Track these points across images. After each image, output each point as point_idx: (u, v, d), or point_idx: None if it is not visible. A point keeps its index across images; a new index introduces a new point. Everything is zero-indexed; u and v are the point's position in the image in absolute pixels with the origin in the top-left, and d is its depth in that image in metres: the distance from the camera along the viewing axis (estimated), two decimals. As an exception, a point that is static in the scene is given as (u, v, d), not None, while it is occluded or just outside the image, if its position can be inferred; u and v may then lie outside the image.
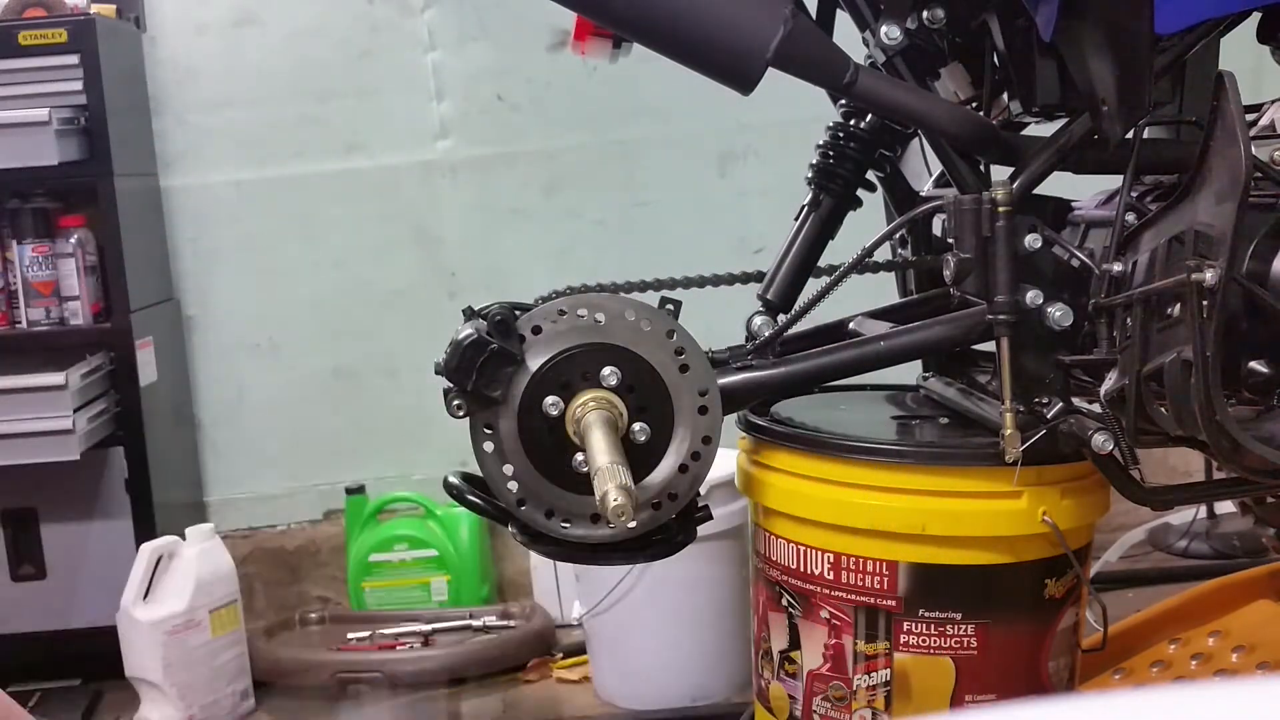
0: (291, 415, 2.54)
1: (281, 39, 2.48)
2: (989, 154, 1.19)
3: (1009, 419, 1.08)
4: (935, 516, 1.13)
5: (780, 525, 1.21)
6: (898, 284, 1.48)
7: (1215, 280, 0.93)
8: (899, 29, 1.20)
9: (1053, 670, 1.19)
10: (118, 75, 2.25)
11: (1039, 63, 1.16)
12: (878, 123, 1.38)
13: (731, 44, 1.09)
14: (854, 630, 1.16)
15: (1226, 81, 0.94)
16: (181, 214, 2.46)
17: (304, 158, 2.50)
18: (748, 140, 2.51)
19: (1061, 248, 1.13)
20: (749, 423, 1.26)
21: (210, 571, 2.07)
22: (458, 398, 1.11)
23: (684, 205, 2.52)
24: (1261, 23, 1.21)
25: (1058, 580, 1.17)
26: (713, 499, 1.28)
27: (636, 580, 1.93)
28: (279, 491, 2.57)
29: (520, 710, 2.05)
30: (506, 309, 1.11)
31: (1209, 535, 2.41)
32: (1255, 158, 0.95)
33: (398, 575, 2.43)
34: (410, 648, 2.22)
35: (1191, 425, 0.98)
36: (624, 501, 0.98)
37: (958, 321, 1.17)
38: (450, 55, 2.49)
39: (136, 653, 2.00)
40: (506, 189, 2.52)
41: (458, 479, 1.20)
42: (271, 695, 2.16)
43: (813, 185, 1.39)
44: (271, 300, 2.51)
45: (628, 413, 1.12)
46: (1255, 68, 1.30)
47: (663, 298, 1.15)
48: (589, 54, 1.37)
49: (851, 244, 1.26)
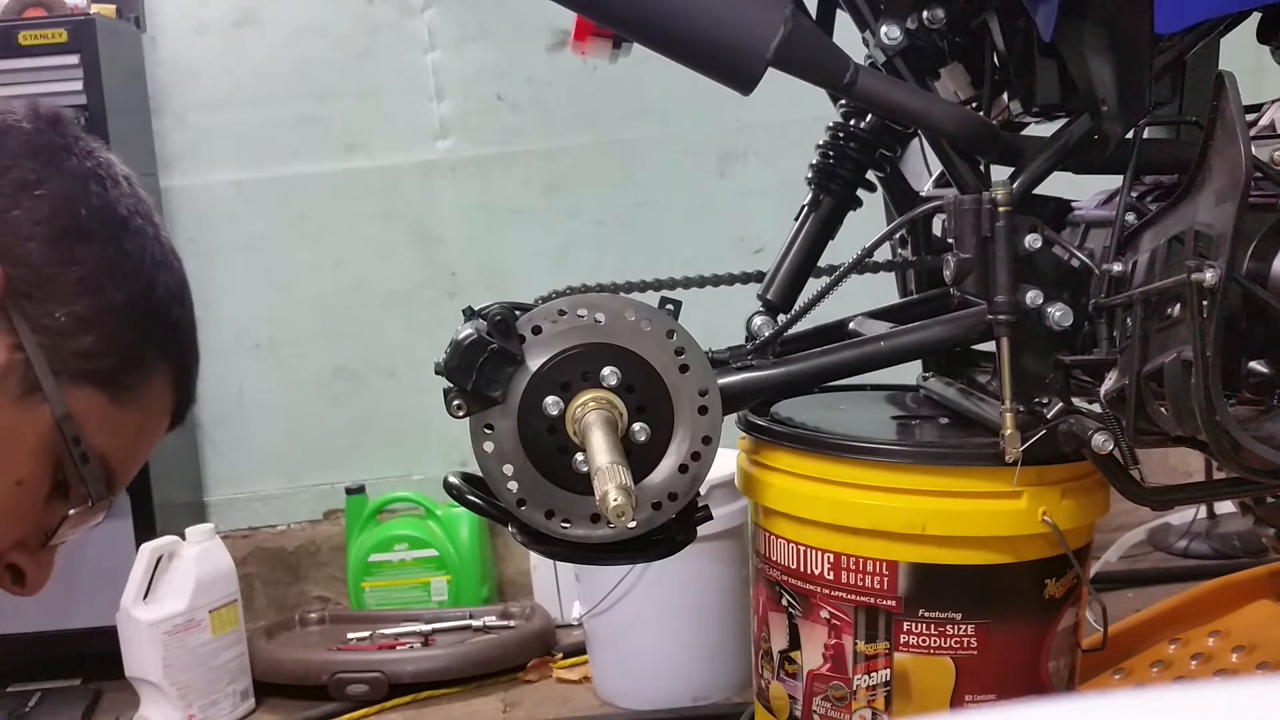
0: (291, 415, 2.54)
1: (281, 39, 2.48)
2: (989, 154, 1.19)
3: (1009, 419, 1.08)
4: (935, 516, 1.12)
5: (780, 525, 1.21)
6: (898, 284, 1.48)
7: (1215, 280, 0.93)
8: (899, 29, 1.20)
9: (1053, 670, 1.19)
10: (118, 75, 2.25)
11: (1039, 63, 1.16)
12: (878, 123, 1.38)
13: (731, 44, 1.09)
14: (854, 630, 1.16)
15: (1226, 81, 0.94)
16: (181, 214, 2.46)
17: (304, 158, 2.50)
18: (748, 140, 2.51)
19: (1061, 248, 1.13)
20: (749, 423, 1.26)
21: (210, 571, 2.06)
22: (458, 398, 1.11)
23: (684, 205, 2.52)
24: (1261, 23, 1.21)
25: (1058, 580, 1.17)
26: (713, 499, 1.28)
27: (636, 580, 1.93)
28: (279, 491, 2.57)
29: (520, 710, 2.05)
30: (506, 309, 1.11)
31: (1209, 535, 2.41)
32: (1255, 158, 0.95)
33: (398, 575, 2.43)
34: (410, 648, 2.22)
35: (1191, 425, 0.98)
36: (624, 501, 0.98)
37: (958, 321, 1.17)
38: (450, 55, 2.49)
39: (136, 653, 2.00)
40: (506, 189, 2.52)
41: (458, 479, 1.20)
42: (271, 695, 2.16)
43: (813, 185, 1.39)
44: (271, 300, 2.51)
45: (628, 413, 1.12)
46: (1255, 68, 1.30)
47: (663, 298, 1.15)
48: (589, 54, 1.37)
49: (851, 244, 1.26)
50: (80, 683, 2.24)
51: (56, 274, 0.77)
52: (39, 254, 0.77)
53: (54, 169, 0.79)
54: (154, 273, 0.83)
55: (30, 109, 0.82)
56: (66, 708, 2.15)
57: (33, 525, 0.81)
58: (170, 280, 0.85)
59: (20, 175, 0.78)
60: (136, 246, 0.82)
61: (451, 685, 2.12)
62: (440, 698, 2.11)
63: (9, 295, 0.76)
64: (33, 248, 0.77)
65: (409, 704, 2.10)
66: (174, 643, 2.00)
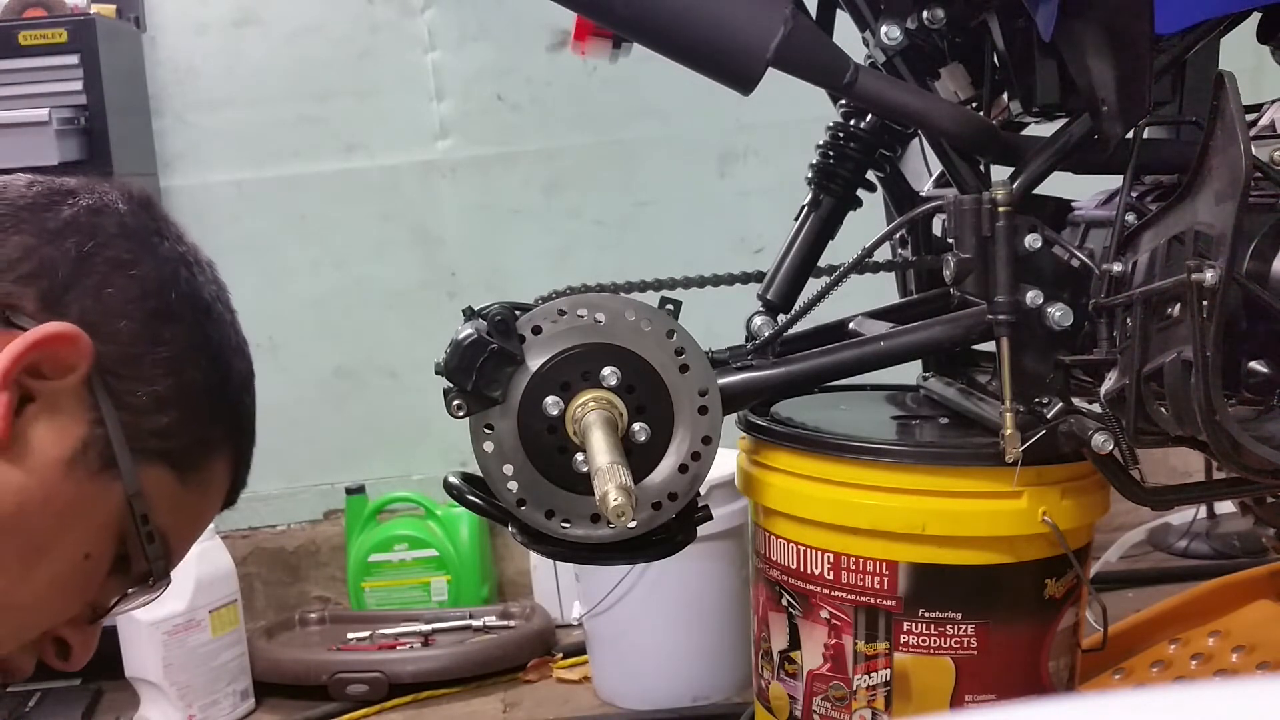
0: (291, 415, 2.54)
1: (281, 39, 2.48)
2: (989, 154, 1.19)
3: (1009, 419, 1.08)
4: (935, 516, 1.12)
5: (780, 525, 1.21)
6: (898, 284, 1.48)
7: (1215, 280, 0.93)
8: (899, 29, 1.20)
9: (1053, 670, 1.19)
10: (118, 75, 2.25)
11: (1039, 63, 1.16)
12: (878, 123, 1.38)
13: (731, 44, 1.09)
14: (854, 630, 1.16)
15: (1226, 81, 0.94)
16: (181, 214, 2.44)
17: (304, 157, 2.50)
18: (748, 140, 2.51)
19: (1061, 248, 1.13)
20: (749, 423, 1.26)
21: (210, 571, 2.07)
22: (458, 398, 1.11)
23: (684, 205, 2.52)
24: (1261, 23, 1.21)
25: (1058, 580, 1.17)
26: (713, 499, 1.28)
27: (636, 580, 1.93)
28: (279, 491, 2.57)
29: (520, 710, 2.05)
30: (506, 309, 1.11)
31: (1209, 535, 2.41)
32: (1255, 158, 0.95)
33: (398, 575, 2.43)
34: (410, 648, 2.22)
35: (1191, 425, 0.98)
36: (624, 501, 0.98)
37: (958, 321, 1.16)
38: (450, 55, 2.49)
39: (136, 653, 2.00)
40: (506, 189, 2.52)
41: (458, 479, 1.20)
42: (271, 695, 2.16)
43: (813, 185, 1.39)
44: (271, 300, 2.51)
45: (628, 413, 1.12)
46: (1255, 68, 1.30)
47: (663, 298, 1.15)
48: (589, 54, 1.37)
49: (851, 244, 1.26)
50: (80, 683, 2.24)
51: (144, 353, 0.78)
52: (128, 333, 0.78)
53: (147, 251, 0.81)
54: (230, 359, 0.85)
55: (123, 190, 0.83)
56: (66, 708, 2.15)
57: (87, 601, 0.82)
58: (243, 367, 0.87)
59: (116, 255, 0.79)
60: (217, 333, 0.84)
61: (451, 685, 2.12)
62: (440, 698, 2.11)
63: (96, 371, 0.76)
64: (123, 326, 0.78)
65: (409, 704, 2.10)
66: (174, 643, 2.00)
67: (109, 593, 0.82)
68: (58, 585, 0.78)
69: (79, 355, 0.75)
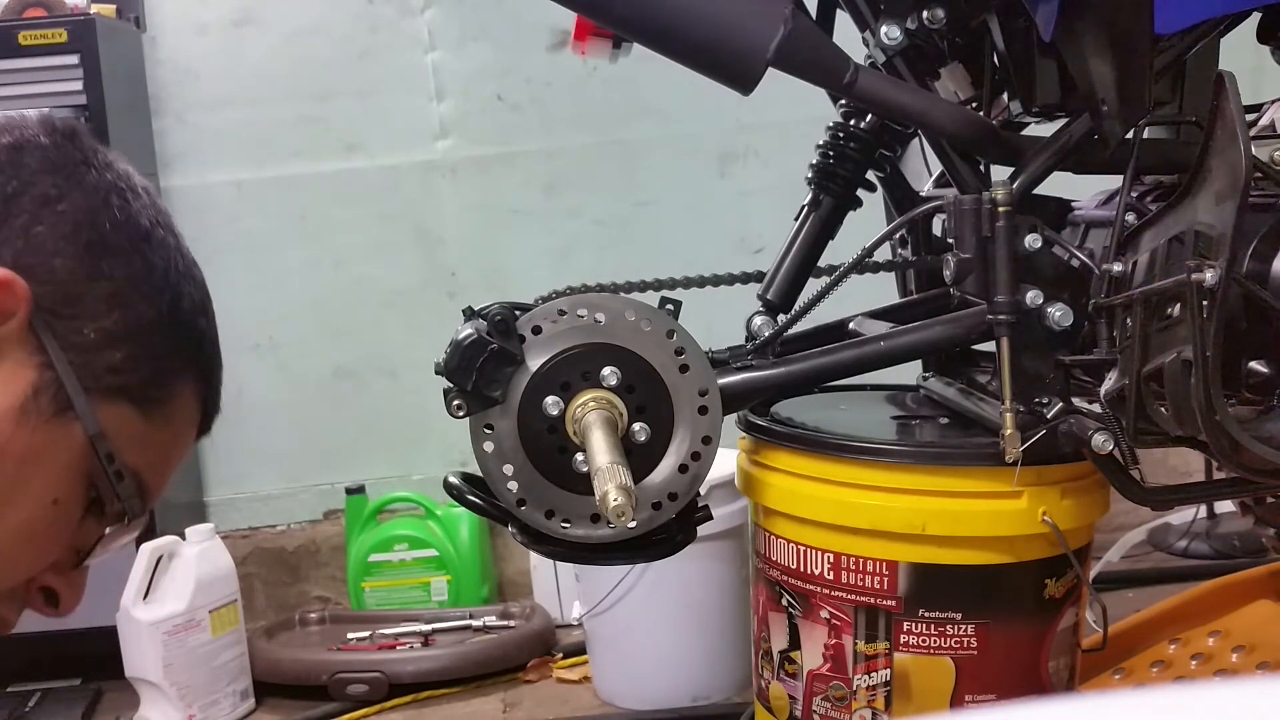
0: (291, 415, 2.54)
1: (281, 39, 2.48)
2: (989, 154, 1.19)
3: (1009, 419, 1.08)
4: (935, 516, 1.12)
5: (780, 525, 1.21)
6: (898, 284, 1.48)
7: (1215, 280, 0.93)
8: (899, 29, 1.20)
9: (1053, 670, 1.19)
10: (118, 75, 2.25)
11: (1039, 63, 1.16)
12: (878, 123, 1.38)
13: (731, 44, 1.09)
14: (854, 630, 1.16)
15: (1226, 81, 0.94)
16: (181, 214, 2.46)
17: (303, 158, 2.50)
18: (748, 140, 2.51)
19: (1061, 248, 1.13)
20: (749, 423, 1.26)
21: (210, 571, 2.07)
22: (458, 398, 1.11)
23: (684, 205, 2.52)
24: (1261, 23, 1.21)
25: (1058, 580, 1.17)
26: (713, 499, 1.28)
27: (636, 580, 1.93)
28: (279, 491, 2.57)
29: (520, 710, 2.05)
30: (506, 309, 1.11)
31: (1209, 535, 2.41)
32: (1255, 158, 0.95)
33: (397, 575, 2.43)
34: (410, 648, 2.22)
35: (1191, 425, 0.98)
36: (624, 501, 0.98)
37: (958, 321, 1.17)
38: (450, 55, 2.49)
39: (136, 653, 2.00)
40: (506, 189, 2.52)
41: (458, 479, 1.20)
42: (271, 695, 2.16)
43: (813, 185, 1.39)
44: (271, 300, 2.51)
45: (628, 413, 1.12)
46: (1255, 68, 1.30)
47: (663, 298, 1.15)
48: (589, 54, 1.37)
49: (851, 244, 1.26)
50: (80, 683, 2.24)
51: (84, 290, 0.76)
52: (65, 270, 0.76)
53: (74, 183, 0.78)
54: (179, 284, 0.82)
55: (45, 123, 0.80)
56: (66, 708, 2.15)
57: (66, 545, 0.81)
58: (194, 291, 0.84)
59: (41, 191, 0.76)
60: (161, 259, 0.81)
61: (451, 685, 2.12)
62: (440, 698, 2.11)
63: (37, 313, 0.74)
64: (58, 264, 0.75)
65: (409, 704, 2.10)
66: (174, 643, 2.00)
67: (88, 535, 0.81)
68: (27, 533, 0.77)
69: (15, 300, 0.73)
